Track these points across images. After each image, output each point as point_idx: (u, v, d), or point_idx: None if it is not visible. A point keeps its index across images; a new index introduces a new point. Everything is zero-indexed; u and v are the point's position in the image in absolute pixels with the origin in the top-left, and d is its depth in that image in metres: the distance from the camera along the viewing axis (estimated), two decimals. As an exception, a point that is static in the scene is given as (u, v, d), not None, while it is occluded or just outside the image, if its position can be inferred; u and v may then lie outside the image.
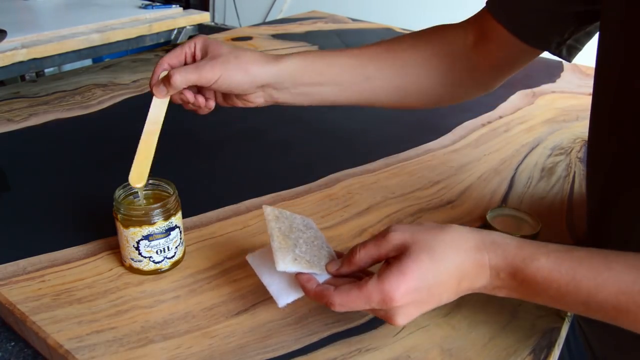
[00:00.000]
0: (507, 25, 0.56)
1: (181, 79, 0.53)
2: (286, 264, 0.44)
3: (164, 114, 0.55)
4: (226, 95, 0.59)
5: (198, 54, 0.56)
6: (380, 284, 0.40)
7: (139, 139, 0.53)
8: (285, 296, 0.46)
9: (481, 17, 0.60)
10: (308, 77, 0.59)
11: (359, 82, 0.60)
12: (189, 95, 0.56)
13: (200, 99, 0.57)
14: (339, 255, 0.48)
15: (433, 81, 0.61)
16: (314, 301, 0.44)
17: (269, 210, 0.49)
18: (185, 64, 0.56)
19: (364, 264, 0.44)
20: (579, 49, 0.57)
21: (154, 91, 0.55)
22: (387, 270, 0.41)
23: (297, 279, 0.45)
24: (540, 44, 0.56)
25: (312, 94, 0.60)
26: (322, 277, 0.45)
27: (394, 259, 0.42)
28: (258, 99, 0.58)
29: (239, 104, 0.59)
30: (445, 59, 0.60)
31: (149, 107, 0.54)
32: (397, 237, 0.42)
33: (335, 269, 0.45)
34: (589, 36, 0.57)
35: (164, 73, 0.55)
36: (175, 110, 0.57)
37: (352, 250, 0.45)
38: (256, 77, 0.55)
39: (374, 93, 0.62)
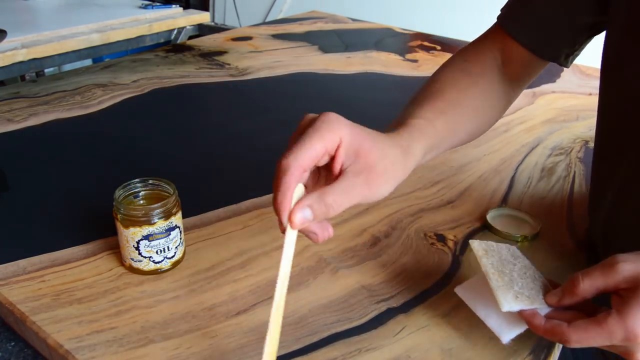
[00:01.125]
0: (524, 43, 0.57)
1: (339, 204, 0.39)
2: (509, 303, 0.43)
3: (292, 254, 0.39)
4: None
5: (342, 158, 0.41)
6: (622, 320, 0.37)
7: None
8: (507, 331, 0.45)
9: (498, 34, 0.59)
10: (437, 147, 0.51)
11: (479, 125, 0.57)
12: (316, 228, 0.41)
13: (326, 233, 0.42)
14: (552, 283, 0.47)
15: (500, 102, 0.60)
16: (544, 337, 0.42)
17: (476, 245, 0.48)
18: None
19: (588, 294, 0.41)
20: (578, 54, 0.59)
21: (294, 218, 0.38)
22: (627, 305, 0.38)
23: (521, 315, 0.44)
24: (555, 58, 0.58)
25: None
26: (543, 310, 0.44)
27: (627, 291, 0.39)
28: None
29: None
30: (501, 77, 0.60)
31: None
32: (627, 268, 0.39)
33: (556, 300, 0.44)
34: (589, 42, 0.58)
35: (300, 188, 0.40)
36: (175, 110, 0.57)
37: (574, 280, 0.42)
38: (399, 183, 0.44)
39: (481, 125, 0.59)
